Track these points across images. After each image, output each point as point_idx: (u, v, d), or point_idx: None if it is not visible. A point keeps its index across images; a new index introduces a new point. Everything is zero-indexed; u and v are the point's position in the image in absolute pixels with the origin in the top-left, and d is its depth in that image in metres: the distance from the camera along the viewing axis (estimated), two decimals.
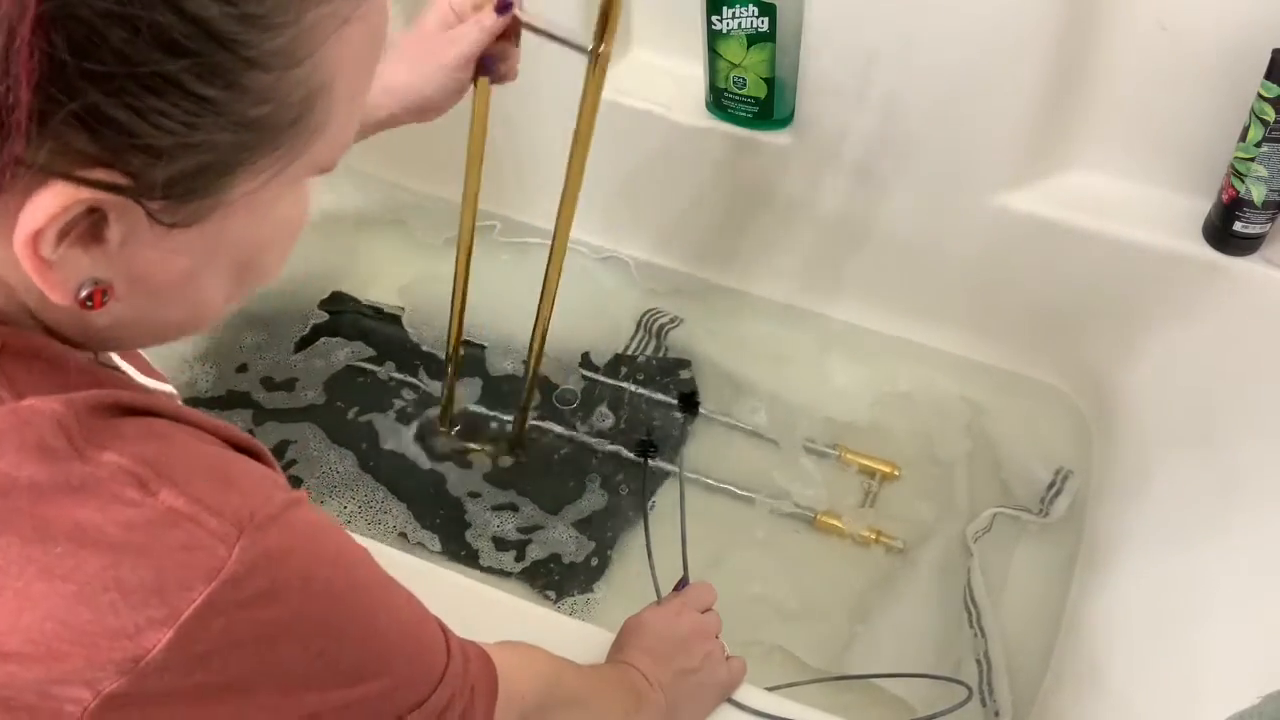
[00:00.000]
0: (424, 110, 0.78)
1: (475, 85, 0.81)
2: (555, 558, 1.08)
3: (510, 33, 0.79)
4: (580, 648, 0.77)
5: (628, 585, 1.06)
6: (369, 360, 1.25)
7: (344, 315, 1.30)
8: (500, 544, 1.09)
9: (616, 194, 1.25)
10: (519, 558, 1.08)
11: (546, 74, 0.94)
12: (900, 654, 0.99)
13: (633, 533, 1.10)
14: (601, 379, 1.23)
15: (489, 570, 1.07)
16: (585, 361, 1.24)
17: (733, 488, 1.12)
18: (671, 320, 1.27)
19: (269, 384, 1.22)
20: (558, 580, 1.07)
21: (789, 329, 1.26)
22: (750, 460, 1.15)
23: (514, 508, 1.12)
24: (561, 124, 0.89)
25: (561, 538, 1.10)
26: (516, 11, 0.78)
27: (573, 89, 0.81)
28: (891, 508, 1.11)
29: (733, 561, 1.08)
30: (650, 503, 1.12)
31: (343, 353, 1.25)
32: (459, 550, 1.09)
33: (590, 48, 0.78)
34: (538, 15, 0.78)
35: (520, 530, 1.10)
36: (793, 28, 1.04)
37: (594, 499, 1.12)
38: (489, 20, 0.77)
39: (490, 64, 0.80)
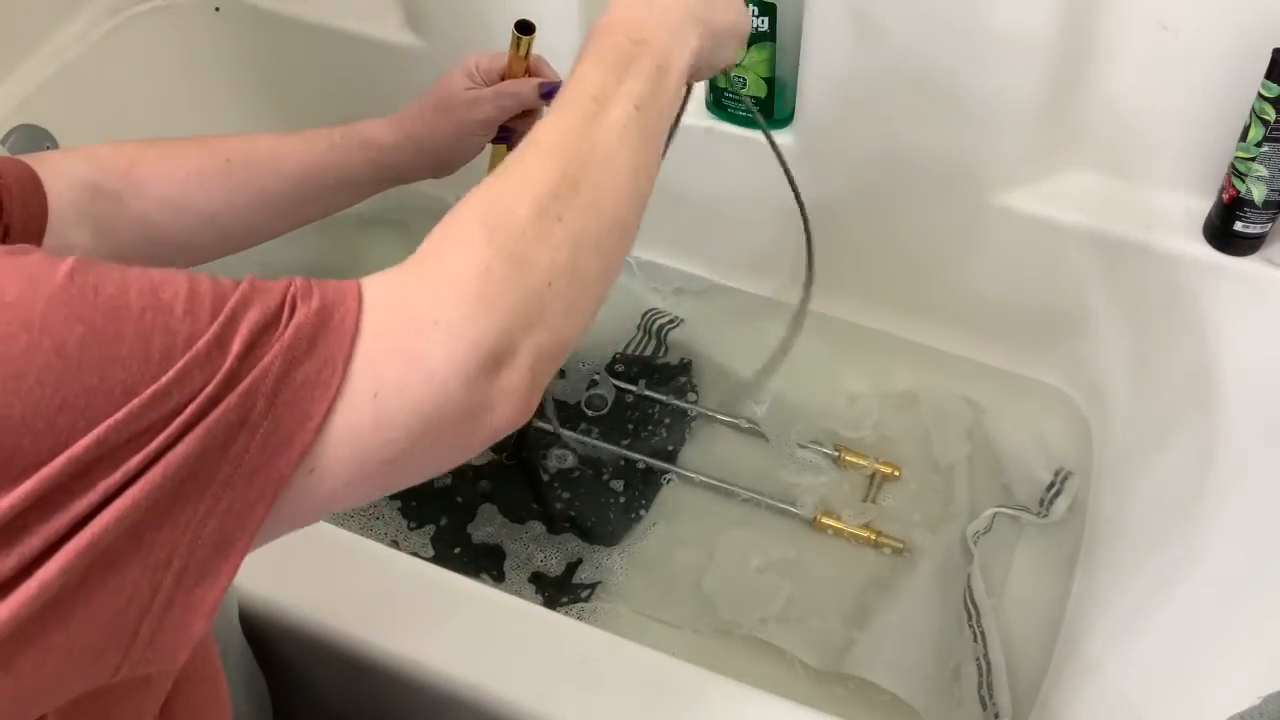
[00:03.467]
0: (438, 168, 0.78)
1: (492, 150, 0.81)
2: (553, 561, 1.08)
3: (535, 108, 0.78)
4: (581, 651, 0.77)
5: (628, 589, 1.06)
6: None
7: None
8: (498, 552, 1.10)
9: None
10: (515, 559, 1.08)
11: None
12: (900, 654, 0.99)
13: (632, 535, 1.10)
14: (614, 381, 1.23)
15: (484, 575, 1.07)
16: (581, 361, 1.24)
17: (732, 487, 1.12)
18: (671, 320, 1.27)
19: None
20: (555, 584, 1.07)
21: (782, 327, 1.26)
22: (750, 460, 1.15)
23: (516, 510, 1.12)
24: None
25: (560, 541, 1.10)
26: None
27: None
28: (891, 508, 1.11)
29: (729, 542, 1.08)
30: (650, 501, 1.12)
31: None
32: (451, 550, 1.09)
33: None
34: None
35: (517, 533, 1.10)
36: (793, 28, 1.04)
37: (595, 501, 1.12)
38: (526, 94, 0.76)
39: (509, 134, 0.79)
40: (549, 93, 0.76)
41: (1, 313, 0.35)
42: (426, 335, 0.42)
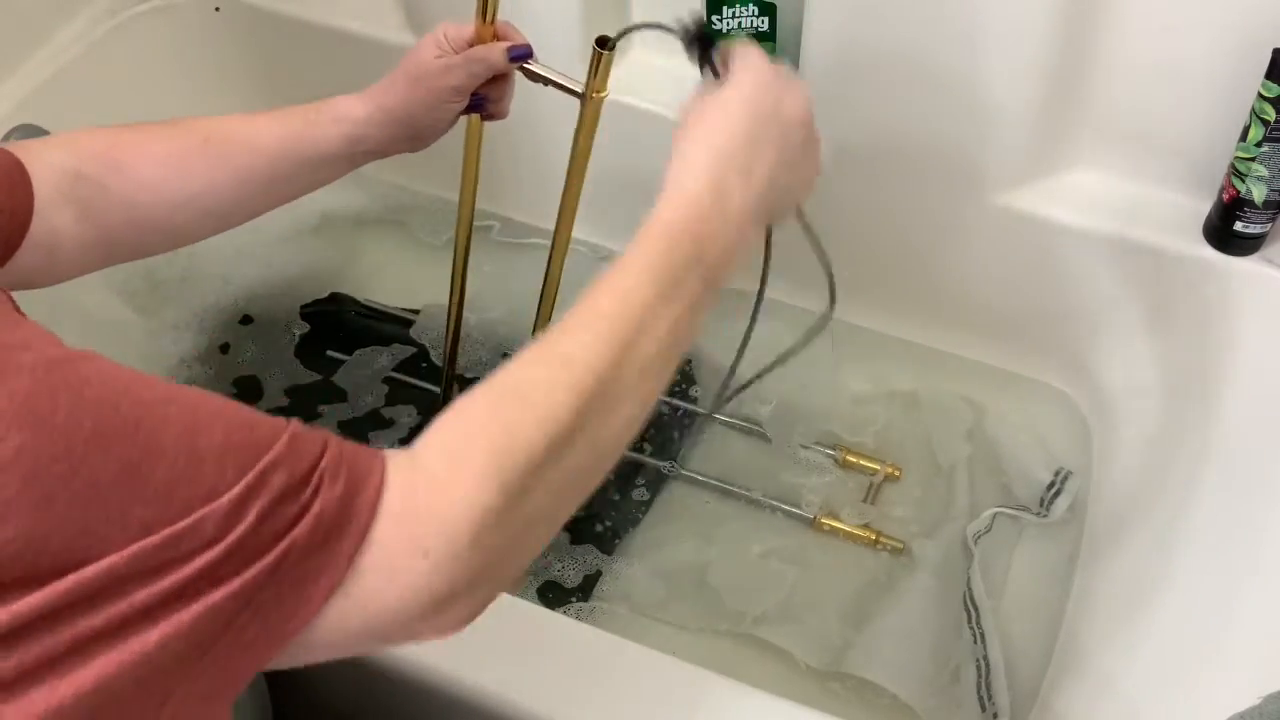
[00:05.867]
0: (413, 140, 0.78)
1: (467, 120, 0.81)
2: (552, 560, 1.08)
3: (506, 73, 0.78)
4: (581, 651, 0.77)
5: (628, 589, 1.06)
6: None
7: (343, 316, 1.30)
8: None
9: (616, 194, 1.24)
10: (531, 565, 1.08)
11: None
12: (900, 654, 0.99)
13: (632, 536, 1.10)
14: None
15: None
16: None
17: (732, 487, 1.12)
18: None
19: (278, 385, 1.22)
20: (556, 584, 1.07)
21: (790, 329, 1.26)
22: (749, 460, 1.15)
23: None
24: (560, 124, 0.89)
25: (580, 552, 1.09)
26: (529, 64, 0.77)
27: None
28: (892, 508, 1.11)
29: (731, 542, 1.08)
30: (650, 501, 1.12)
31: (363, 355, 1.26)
32: None
33: (582, 91, 0.78)
34: (540, 63, 0.78)
35: None
36: (793, 28, 1.04)
37: (595, 502, 1.12)
38: (495, 58, 0.76)
39: (482, 102, 0.79)
40: (517, 56, 0.77)
41: (47, 435, 0.37)
42: (416, 562, 0.44)
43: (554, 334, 0.52)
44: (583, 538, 1.09)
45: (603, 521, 1.10)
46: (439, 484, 0.46)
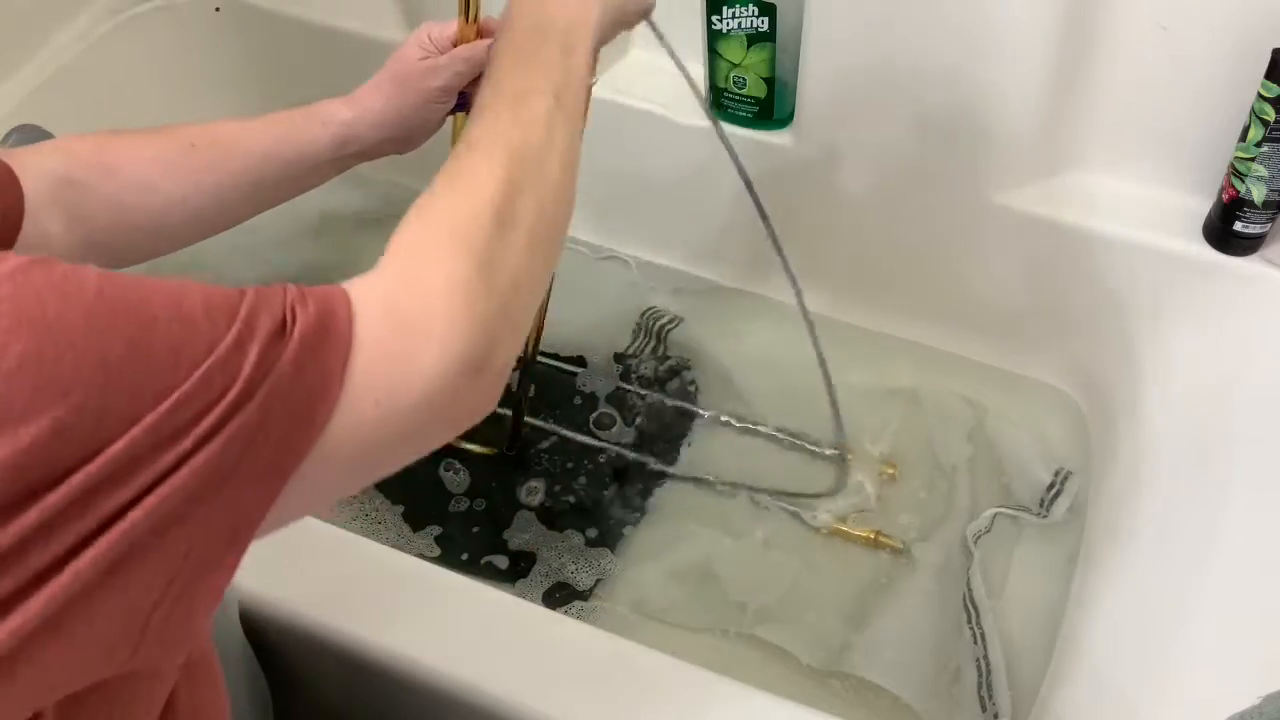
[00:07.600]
0: (401, 141, 0.78)
1: (454, 120, 0.81)
2: (553, 561, 1.08)
3: None
4: (581, 651, 0.77)
5: (628, 588, 1.06)
6: None
7: None
8: (531, 559, 1.10)
9: (616, 194, 1.25)
10: (517, 557, 1.08)
11: None
12: (900, 655, 0.99)
13: (633, 535, 1.10)
14: (619, 383, 1.23)
15: (485, 574, 1.08)
16: (580, 361, 1.24)
17: (733, 488, 1.12)
18: (671, 320, 1.27)
19: None
20: (556, 584, 1.07)
21: (789, 329, 1.26)
22: (749, 460, 1.15)
23: (514, 507, 1.12)
24: None
25: (560, 541, 1.10)
26: None
27: None
28: (891, 508, 1.11)
29: (730, 542, 1.08)
30: (650, 500, 1.12)
31: None
32: (458, 555, 1.09)
33: None
34: None
35: (517, 531, 1.10)
36: (793, 27, 1.04)
37: (595, 501, 1.12)
38: (480, 56, 0.75)
39: (467, 101, 0.79)
40: None
41: (46, 334, 0.37)
42: (420, 346, 0.47)
43: (459, 142, 0.57)
44: (596, 540, 1.09)
45: (605, 521, 1.10)
46: (415, 274, 0.49)
